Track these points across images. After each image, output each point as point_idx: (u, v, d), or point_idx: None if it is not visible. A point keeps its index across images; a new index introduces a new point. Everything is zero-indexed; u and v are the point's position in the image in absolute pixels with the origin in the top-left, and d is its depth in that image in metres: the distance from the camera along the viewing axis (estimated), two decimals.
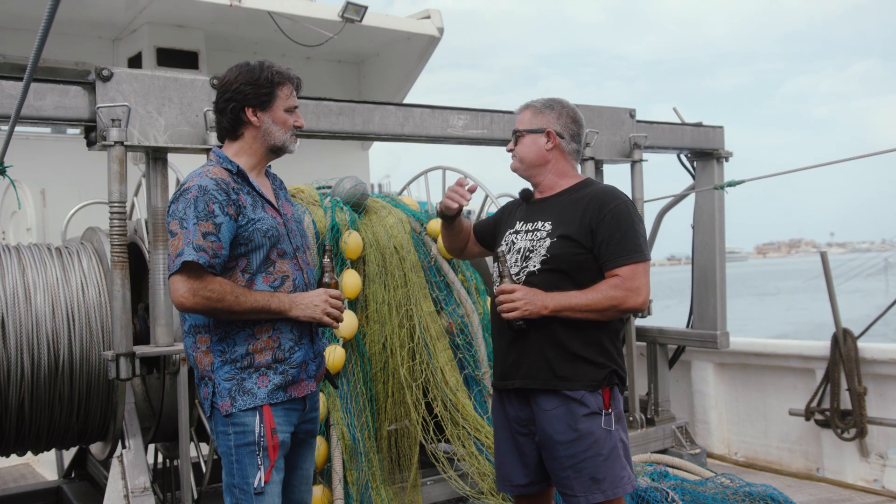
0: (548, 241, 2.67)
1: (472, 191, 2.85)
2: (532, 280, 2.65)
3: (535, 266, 2.67)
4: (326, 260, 2.61)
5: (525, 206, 2.87)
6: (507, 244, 2.79)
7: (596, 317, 2.59)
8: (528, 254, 2.70)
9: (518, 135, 2.82)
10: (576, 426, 2.58)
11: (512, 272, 2.70)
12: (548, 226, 2.70)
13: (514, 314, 2.57)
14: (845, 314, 5.08)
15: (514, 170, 2.88)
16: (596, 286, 2.60)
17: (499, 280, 2.69)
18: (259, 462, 2.40)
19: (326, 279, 2.56)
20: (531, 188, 2.90)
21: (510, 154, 2.88)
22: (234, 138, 2.53)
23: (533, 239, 2.71)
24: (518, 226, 2.81)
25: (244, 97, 2.47)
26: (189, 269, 2.30)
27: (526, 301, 2.57)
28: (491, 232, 3.01)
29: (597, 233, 2.63)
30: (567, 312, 2.58)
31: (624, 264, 2.60)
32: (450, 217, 2.94)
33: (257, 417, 2.39)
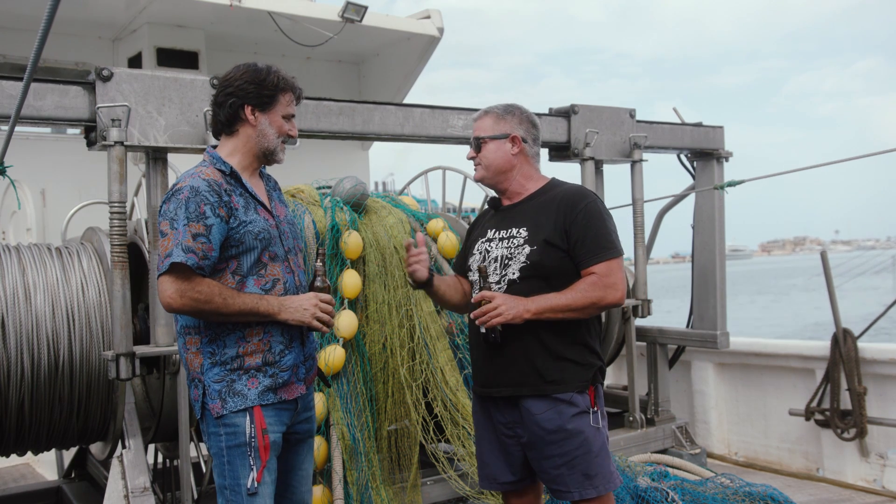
0: (526, 249, 2.67)
1: (419, 243, 2.81)
2: (513, 288, 2.65)
3: (514, 274, 2.67)
4: (319, 263, 2.59)
5: (495, 214, 2.86)
6: (479, 253, 2.78)
7: (577, 315, 2.61)
8: (506, 262, 2.69)
9: (481, 142, 2.80)
10: (566, 425, 2.60)
11: (491, 280, 2.70)
12: (524, 232, 2.70)
13: (497, 320, 2.56)
14: (853, 312, 5.09)
15: (480, 179, 2.86)
16: (574, 286, 2.61)
17: (478, 291, 2.68)
18: (251, 463, 2.40)
19: (318, 283, 2.54)
20: (497, 197, 2.89)
21: (472, 163, 2.85)
22: (228, 134, 2.53)
23: (510, 246, 2.71)
24: (490, 233, 2.79)
25: (245, 94, 2.48)
26: (177, 270, 2.30)
27: (507, 307, 2.56)
28: (467, 258, 2.94)
29: (570, 233, 2.65)
30: (548, 314, 2.58)
31: (599, 261, 2.62)
32: (423, 283, 2.86)
33: (248, 418, 2.40)
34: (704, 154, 5.32)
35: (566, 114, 4.63)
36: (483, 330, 2.63)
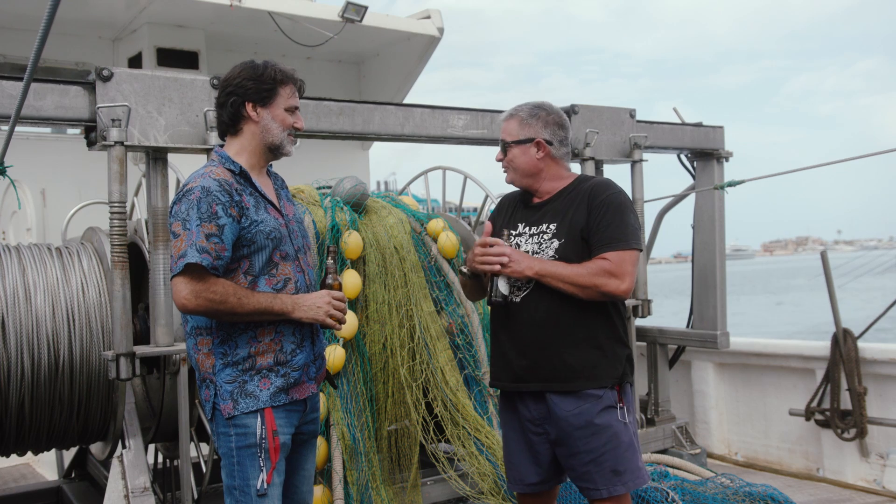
0: (555, 243, 2.68)
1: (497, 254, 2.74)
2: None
3: None
4: (330, 261, 2.60)
5: (525, 209, 2.87)
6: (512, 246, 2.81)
7: (576, 292, 2.60)
8: (535, 256, 2.70)
9: (507, 146, 2.82)
10: (594, 420, 2.60)
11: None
12: (553, 227, 2.72)
13: (501, 269, 2.57)
14: (859, 313, 5.09)
15: (511, 182, 2.88)
16: (584, 263, 2.62)
17: None
18: (261, 464, 2.39)
19: (329, 280, 2.55)
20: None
21: (501, 165, 2.87)
22: (233, 134, 2.53)
23: (540, 241, 2.72)
24: (521, 228, 2.81)
25: (245, 92, 2.47)
26: (192, 271, 2.29)
27: (512, 260, 2.58)
28: None
29: (590, 221, 2.66)
30: (549, 279, 2.59)
31: (612, 249, 2.62)
32: (479, 275, 2.85)
33: (259, 419, 2.39)
34: (704, 154, 5.32)
35: (566, 113, 4.62)
36: (488, 285, 2.62)
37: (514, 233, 2.76)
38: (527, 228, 2.79)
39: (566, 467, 2.70)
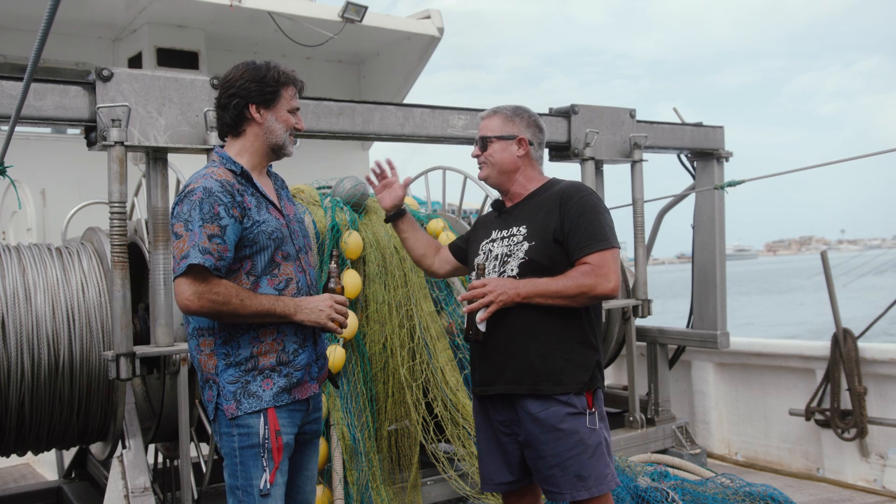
0: (525, 245, 2.70)
1: (391, 168, 3.01)
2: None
3: (513, 270, 2.69)
4: (333, 265, 2.60)
5: (499, 216, 2.89)
6: (483, 253, 2.82)
7: (567, 303, 2.61)
8: (506, 258, 2.72)
9: (487, 141, 2.84)
10: (560, 425, 2.61)
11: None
12: (523, 229, 2.73)
13: (493, 308, 2.59)
14: (862, 312, 5.08)
15: (484, 178, 2.89)
16: (567, 273, 2.62)
17: None
18: (264, 464, 2.40)
19: (332, 284, 2.56)
20: (500, 198, 2.93)
21: (477, 162, 2.89)
22: (235, 135, 2.54)
23: (510, 244, 2.74)
24: (494, 234, 2.84)
25: (248, 94, 2.48)
26: (194, 272, 2.29)
27: (499, 292, 2.59)
28: (465, 247, 3.03)
29: (564, 225, 2.67)
30: (538, 299, 2.60)
31: (592, 252, 2.63)
32: (392, 216, 2.98)
33: (262, 420, 2.40)
34: (704, 154, 5.32)
35: (566, 114, 4.62)
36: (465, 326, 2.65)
37: (480, 264, 2.75)
38: (499, 233, 2.81)
39: (532, 469, 2.71)
